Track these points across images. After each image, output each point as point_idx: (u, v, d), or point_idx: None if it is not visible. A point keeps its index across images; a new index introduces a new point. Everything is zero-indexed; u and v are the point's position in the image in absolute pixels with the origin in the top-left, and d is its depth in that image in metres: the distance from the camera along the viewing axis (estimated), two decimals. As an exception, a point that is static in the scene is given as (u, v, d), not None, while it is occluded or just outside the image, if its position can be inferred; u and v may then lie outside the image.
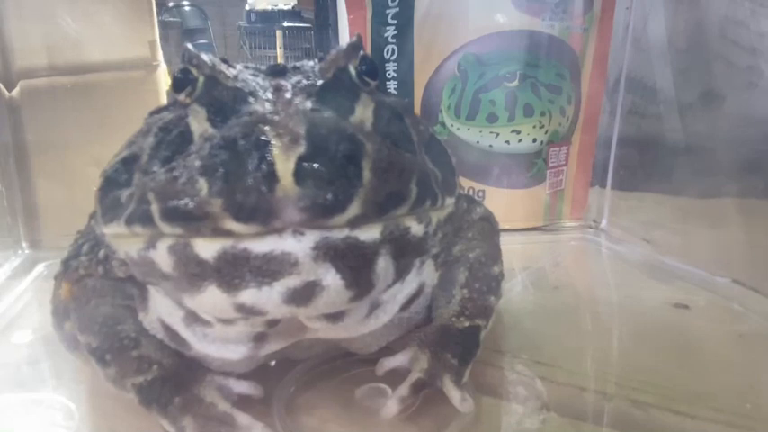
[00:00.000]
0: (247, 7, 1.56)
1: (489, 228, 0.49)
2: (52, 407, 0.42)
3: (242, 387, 0.40)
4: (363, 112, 0.34)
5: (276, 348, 0.39)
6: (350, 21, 0.74)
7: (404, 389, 0.39)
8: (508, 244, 0.50)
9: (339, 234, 0.30)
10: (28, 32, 0.71)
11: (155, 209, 0.31)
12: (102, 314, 0.39)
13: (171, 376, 0.38)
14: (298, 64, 0.38)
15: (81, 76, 0.73)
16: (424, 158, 0.38)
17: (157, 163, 0.34)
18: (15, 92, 0.72)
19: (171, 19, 1.45)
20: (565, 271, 0.72)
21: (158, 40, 0.75)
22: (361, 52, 0.37)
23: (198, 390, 0.38)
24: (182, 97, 0.36)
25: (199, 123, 0.33)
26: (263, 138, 0.29)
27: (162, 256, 0.32)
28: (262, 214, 0.28)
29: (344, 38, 0.74)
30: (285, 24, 1.56)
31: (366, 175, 0.30)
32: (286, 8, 1.58)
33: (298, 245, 0.30)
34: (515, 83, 0.76)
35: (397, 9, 0.73)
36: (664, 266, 0.68)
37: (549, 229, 0.83)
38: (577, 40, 0.78)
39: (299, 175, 0.28)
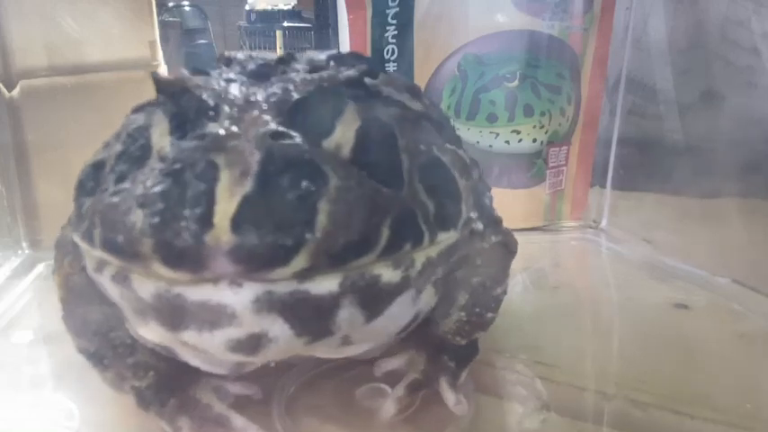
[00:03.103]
0: (247, 7, 1.56)
1: (503, 253, 0.43)
2: (52, 407, 0.42)
3: (238, 388, 0.40)
4: (343, 134, 0.30)
5: (263, 363, 0.37)
6: (350, 21, 0.73)
7: (400, 389, 0.39)
8: (508, 244, 0.50)
9: (285, 288, 0.26)
10: (28, 32, 0.71)
11: (97, 233, 0.28)
12: (95, 321, 0.38)
13: (167, 379, 0.38)
14: (299, 59, 0.35)
15: (81, 76, 0.73)
16: (416, 188, 0.32)
17: (114, 177, 0.31)
18: (15, 92, 0.72)
19: (171, 19, 1.45)
20: (565, 271, 0.72)
21: (158, 40, 0.75)
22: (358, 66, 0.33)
23: (194, 391, 0.38)
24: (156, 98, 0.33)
25: (160, 136, 0.30)
26: (208, 170, 0.25)
27: (107, 283, 0.30)
28: (191, 262, 0.25)
29: (344, 38, 0.74)
30: (285, 24, 1.56)
31: (321, 220, 0.25)
32: (286, 8, 1.58)
33: (235, 297, 0.26)
34: (515, 83, 0.76)
35: (397, 9, 0.73)
36: (664, 266, 0.68)
37: (549, 229, 0.83)
38: (577, 40, 0.78)
39: (239, 218, 0.24)
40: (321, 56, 0.38)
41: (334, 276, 0.27)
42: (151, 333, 0.30)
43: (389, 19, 0.73)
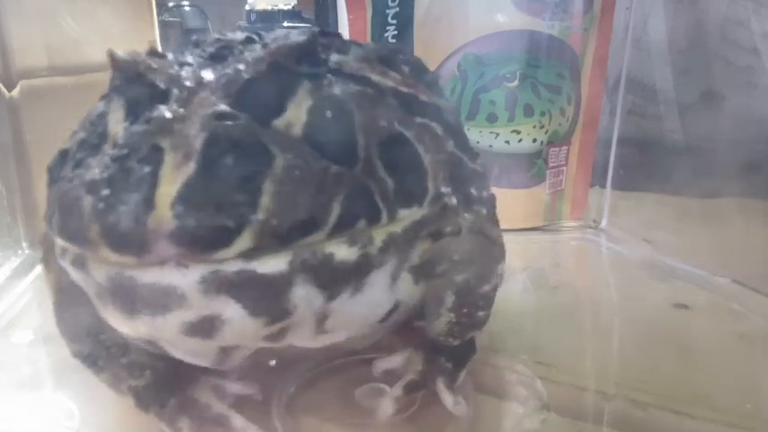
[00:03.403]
0: (247, 7, 1.56)
1: (481, 243, 0.40)
2: (52, 407, 0.42)
3: (237, 388, 0.40)
4: (294, 113, 0.29)
5: (246, 355, 0.36)
6: (350, 21, 0.73)
7: (397, 389, 0.39)
8: (508, 244, 0.50)
9: (231, 267, 0.26)
10: (28, 32, 0.71)
11: (55, 220, 0.28)
12: (85, 324, 0.38)
13: (165, 378, 0.38)
14: (265, 38, 0.34)
15: (81, 76, 0.73)
16: (373, 164, 0.31)
17: (72, 164, 0.31)
18: (15, 92, 0.72)
19: (171, 19, 1.45)
20: (565, 271, 0.72)
21: (158, 40, 0.75)
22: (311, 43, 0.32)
23: (193, 391, 0.38)
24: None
25: (115, 122, 0.30)
26: (153, 153, 0.26)
27: (70, 269, 0.30)
28: (135, 246, 0.25)
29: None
30: (285, 24, 1.56)
31: (265, 200, 0.26)
32: (286, 8, 1.57)
33: (183, 279, 0.26)
34: (515, 83, 0.76)
35: (397, 9, 0.73)
36: (664, 266, 0.68)
37: (549, 229, 0.83)
38: (577, 40, 0.78)
39: (180, 201, 0.25)
40: (289, 34, 0.36)
41: (283, 255, 0.27)
42: (114, 321, 0.30)
43: (389, 19, 0.73)
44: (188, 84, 0.29)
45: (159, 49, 0.76)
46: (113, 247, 0.25)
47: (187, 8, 1.54)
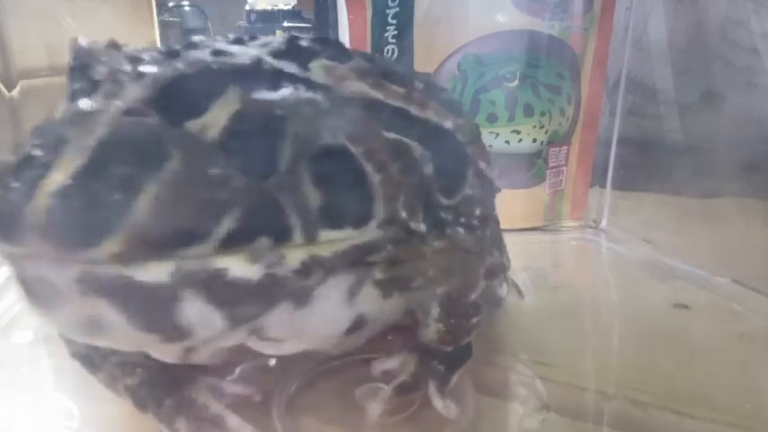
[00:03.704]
0: (247, 7, 1.56)
1: (461, 261, 0.38)
2: (52, 407, 0.42)
3: (236, 388, 0.40)
4: (215, 116, 0.28)
5: (214, 353, 0.35)
6: (350, 21, 0.73)
7: (387, 391, 0.40)
8: (508, 244, 0.50)
9: (108, 270, 0.24)
10: (28, 32, 0.71)
11: None
12: None
13: (160, 377, 0.37)
14: (219, 44, 0.32)
15: (81, 76, 0.73)
16: (299, 179, 0.29)
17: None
18: (15, 92, 0.72)
19: (171, 19, 1.45)
20: (565, 271, 0.72)
21: (158, 40, 0.75)
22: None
23: (190, 391, 0.38)
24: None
25: (58, 111, 0.29)
26: (56, 146, 0.25)
27: None
28: (14, 237, 0.24)
29: (344, 38, 0.74)
30: (285, 24, 1.56)
31: (142, 204, 0.24)
32: (286, 8, 1.57)
33: (60, 276, 0.25)
34: (515, 83, 0.76)
35: (398, 9, 0.73)
36: (664, 266, 0.68)
37: (549, 229, 0.83)
38: (577, 40, 0.78)
39: (57, 195, 0.23)
40: (276, 40, 0.35)
41: (165, 265, 0.25)
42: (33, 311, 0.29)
43: (389, 19, 0.73)
44: (120, 78, 0.28)
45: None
46: (2, 236, 0.25)
47: (187, 8, 1.54)
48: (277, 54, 0.33)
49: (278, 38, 0.34)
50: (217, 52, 0.30)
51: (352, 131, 0.31)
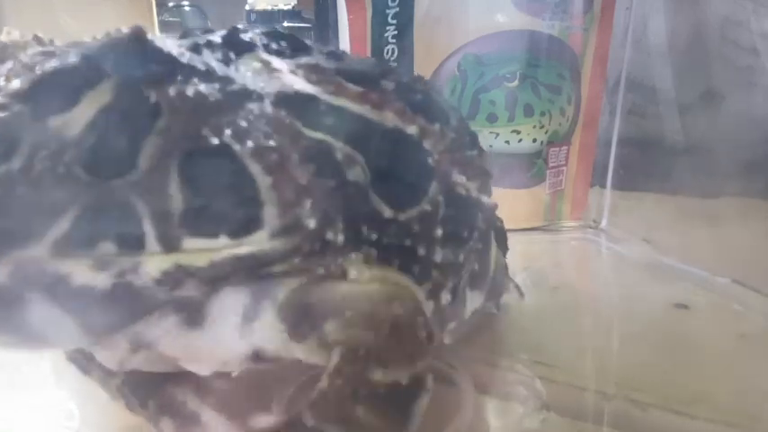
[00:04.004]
0: (247, 7, 1.56)
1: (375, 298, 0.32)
2: (52, 407, 0.42)
3: (222, 384, 0.39)
4: (83, 111, 0.26)
5: (150, 359, 0.33)
6: (350, 21, 0.73)
7: None
8: (509, 244, 0.50)
9: None
10: (28, 32, 0.71)
11: None
12: None
13: (140, 377, 0.37)
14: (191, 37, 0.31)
15: (81, 76, 0.73)
16: (165, 180, 0.26)
17: None
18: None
19: (171, 19, 1.45)
20: (565, 271, 0.72)
21: (158, 40, 0.76)
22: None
23: (173, 390, 0.37)
24: None
25: None
26: None
27: None
28: None
29: (344, 38, 0.74)
30: (285, 24, 1.56)
31: None
32: (286, 8, 1.57)
33: None
34: (515, 83, 0.76)
35: (398, 9, 0.73)
36: (664, 266, 0.68)
37: (549, 229, 0.83)
38: (577, 40, 0.78)
39: None
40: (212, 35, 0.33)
41: (2, 265, 0.24)
42: None
43: (389, 19, 0.73)
44: (19, 68, 0.27)
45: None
46: None
47: (187, 8, 1.54)
48: (204, 47, 0.31)
49: (220, 31, 0.33)
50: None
51: (240, 129, 0.29)
